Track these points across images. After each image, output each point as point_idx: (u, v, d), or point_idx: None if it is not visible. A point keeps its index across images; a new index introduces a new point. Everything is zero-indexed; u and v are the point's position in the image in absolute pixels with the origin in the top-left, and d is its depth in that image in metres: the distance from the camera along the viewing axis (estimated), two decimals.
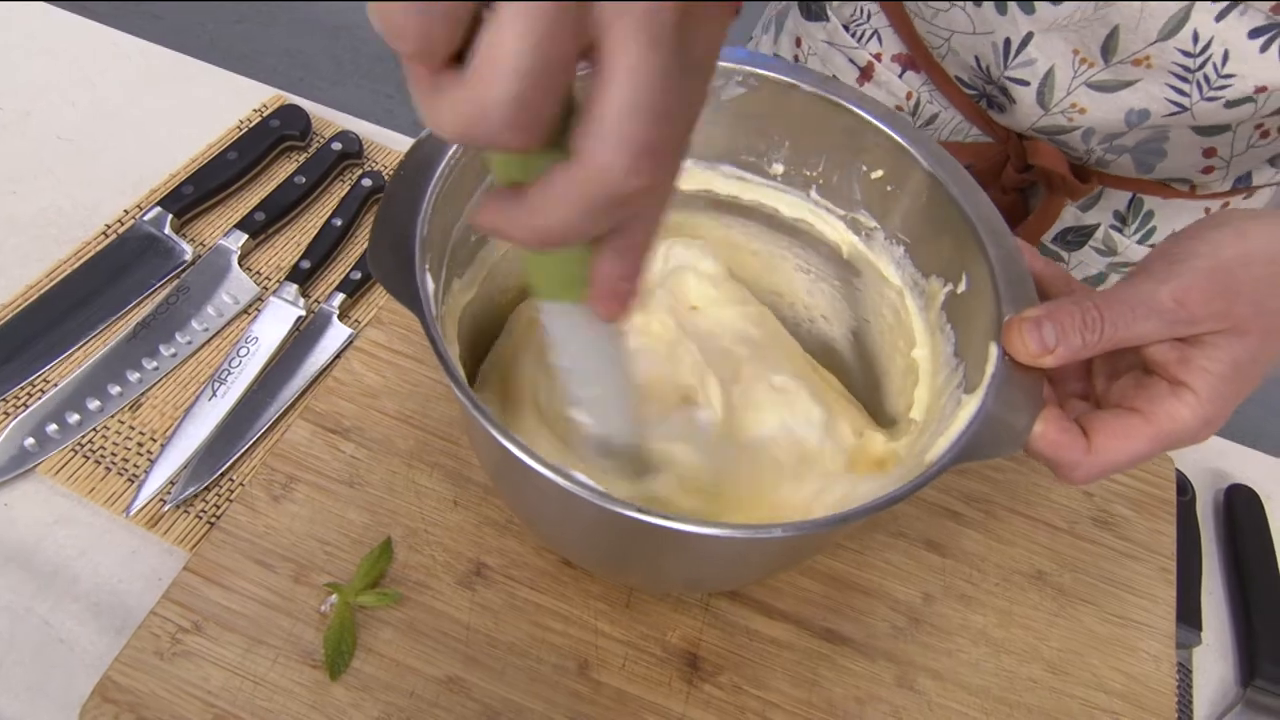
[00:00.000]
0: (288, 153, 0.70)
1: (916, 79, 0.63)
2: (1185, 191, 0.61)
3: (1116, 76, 0.52)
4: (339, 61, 2.07)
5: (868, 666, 0.48)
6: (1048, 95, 0.55)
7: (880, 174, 0.47)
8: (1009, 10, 0.53)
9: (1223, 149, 0.56)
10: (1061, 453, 0.38)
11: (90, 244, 0.63)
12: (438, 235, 0.41)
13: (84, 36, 0.77)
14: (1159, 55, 0.50)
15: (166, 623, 0.45)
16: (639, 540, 0.38)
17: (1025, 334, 0.38)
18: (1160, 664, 0.51)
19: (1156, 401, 0.38)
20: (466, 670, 0.45)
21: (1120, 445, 0.38)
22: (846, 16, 0.65)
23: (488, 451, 0.38)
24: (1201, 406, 0.38)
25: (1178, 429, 0.38)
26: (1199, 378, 0.38)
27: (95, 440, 0.55)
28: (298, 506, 0.49)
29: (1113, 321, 0.37)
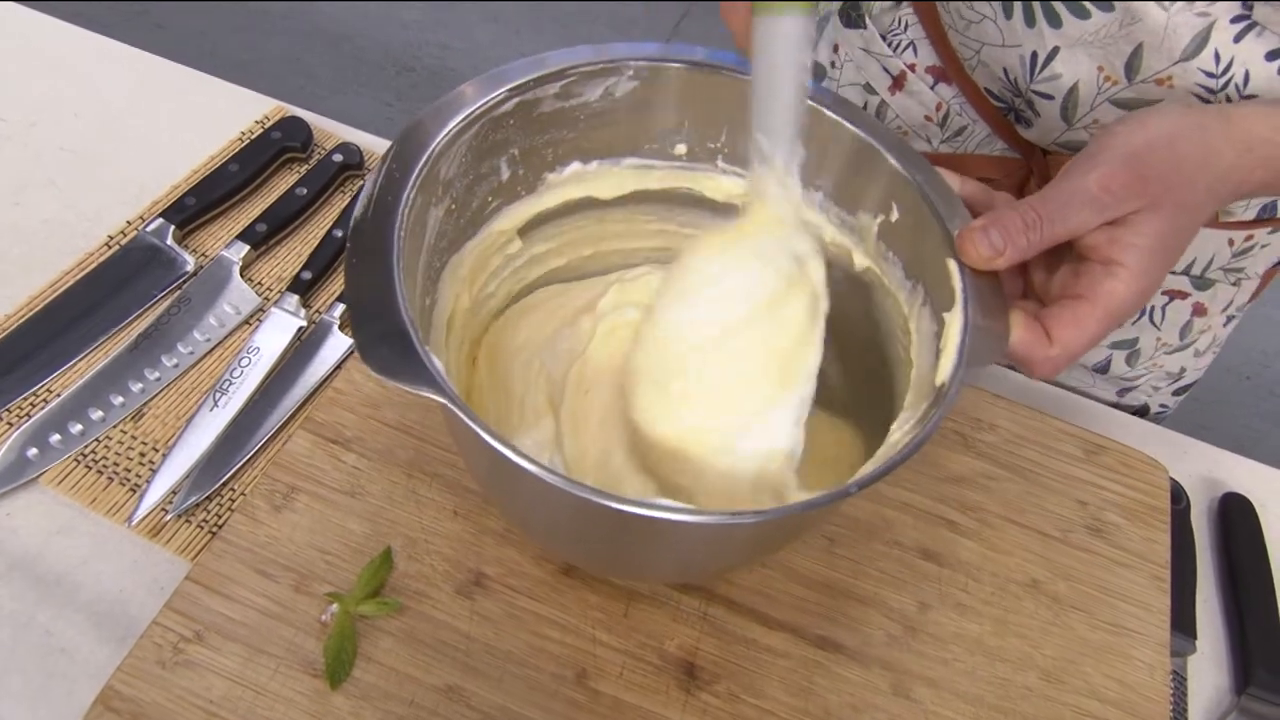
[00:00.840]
0: (289, 164, 0.71)
1: (948, 91, 0.64)
2: (1209, 220, 0.61)
3: (1140, 95, 0.53)
4: (340, 70, 2.07)
5: (863, 675, 0.49)
6: (1071, 110, 0.56)
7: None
8: (1037, 23, 0.54)
9: None
10: (1032, 350, 0.42)
11: (93, 255, 0.64)
12: (417, 296, 0.41)
13: (88, 48, 0.77)
14: (1182, 76, 0.51)
15: (168, 632, 0.45)
16: (616, 527, 0.39)
17: (976, 241, 0.41)
18: (1154, 672, 0.51)
19: (1096, 283, 0.42)
20: (465, 679, 0.46)
21: (1076, 333, 0.42)
22: (885, 26, 0.66)
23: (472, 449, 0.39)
24: (1135, 279, 0.41)
25: (1119, 304, 0.41)
26: (1128, 253, 0.41)
27: (97, 450, 0.56)
28: (298, 516, 0.49)
29: (1050, 218, 0.41)
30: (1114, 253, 0.41)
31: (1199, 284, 0.67)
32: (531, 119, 0.47)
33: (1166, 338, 0.71)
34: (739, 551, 0.44)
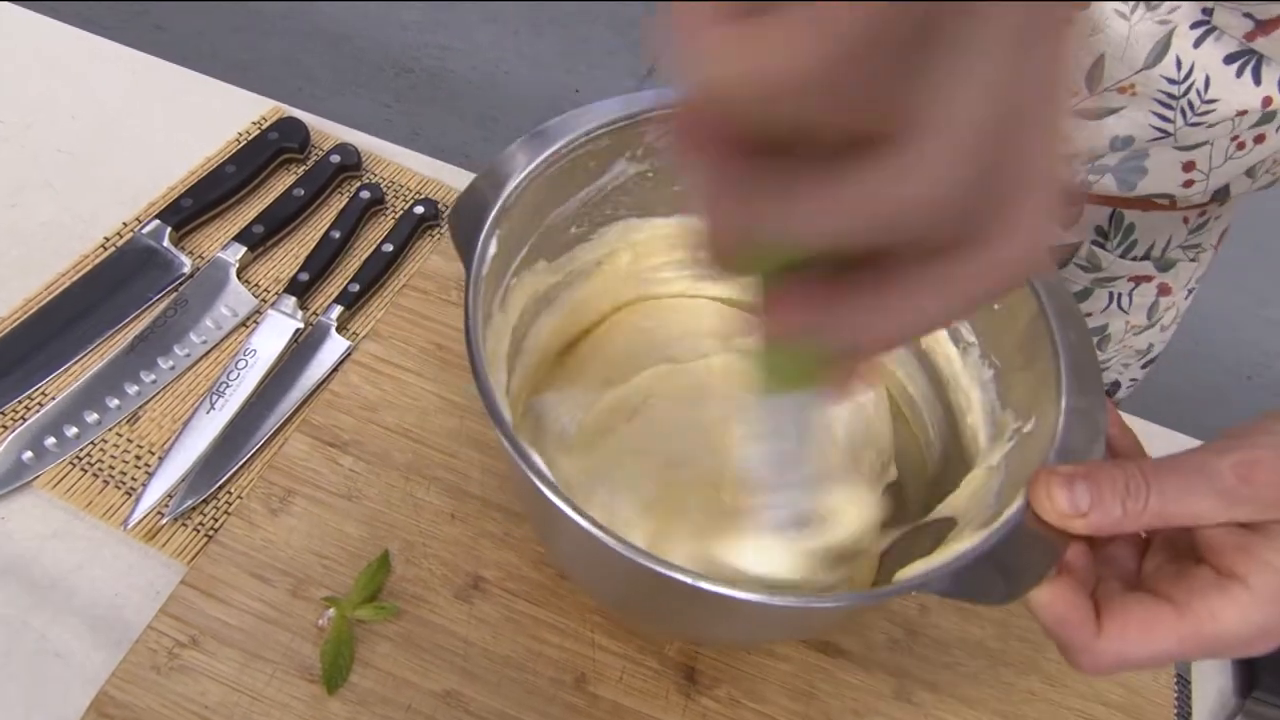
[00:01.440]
0: (286, 165, 0.70)
1: None
2: (1166, 205, 0.61)
3: (1102, 104, 0.52)
4: (339, 71, 2.07)
5: (865, 679, 0.48)
6: None
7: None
8: None
9: (1201, 163, 0.56)
10: (1066, 630, 0.33)
11: (89, 257, 0.63)
12: (524, 209, 0.42)
13: (84, 49, 0.77)
14: (1144, 83, 0.50)
15: (163, 637, 0.45)
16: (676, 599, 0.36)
17: (1054, 490, 0.33)
18: (1158, 676, 0.51)
19: (1197, 593, 0.32)
20: (463, 684, 0.45)
21: (1138, 637, 0.32)
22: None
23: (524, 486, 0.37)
24: (1255, 607, 0.31)
25: (1220, 631, 0.31)
26: (1259, 572, 0.31)
27: (93, 453, 0.55)
28: (295, 520, 0.49)
29: (1160, 490, 0.32)
30: (1238, 565, 0.32)
31: (1161, 265, 0.68)
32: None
33: (1135, 320, 0.71)
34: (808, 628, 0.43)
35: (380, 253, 0.65)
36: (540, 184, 0.42)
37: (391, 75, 2.09)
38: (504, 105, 2.06)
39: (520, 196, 0.41)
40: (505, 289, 0.42)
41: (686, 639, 0.48)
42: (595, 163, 0.45)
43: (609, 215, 0.48)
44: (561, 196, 0.45)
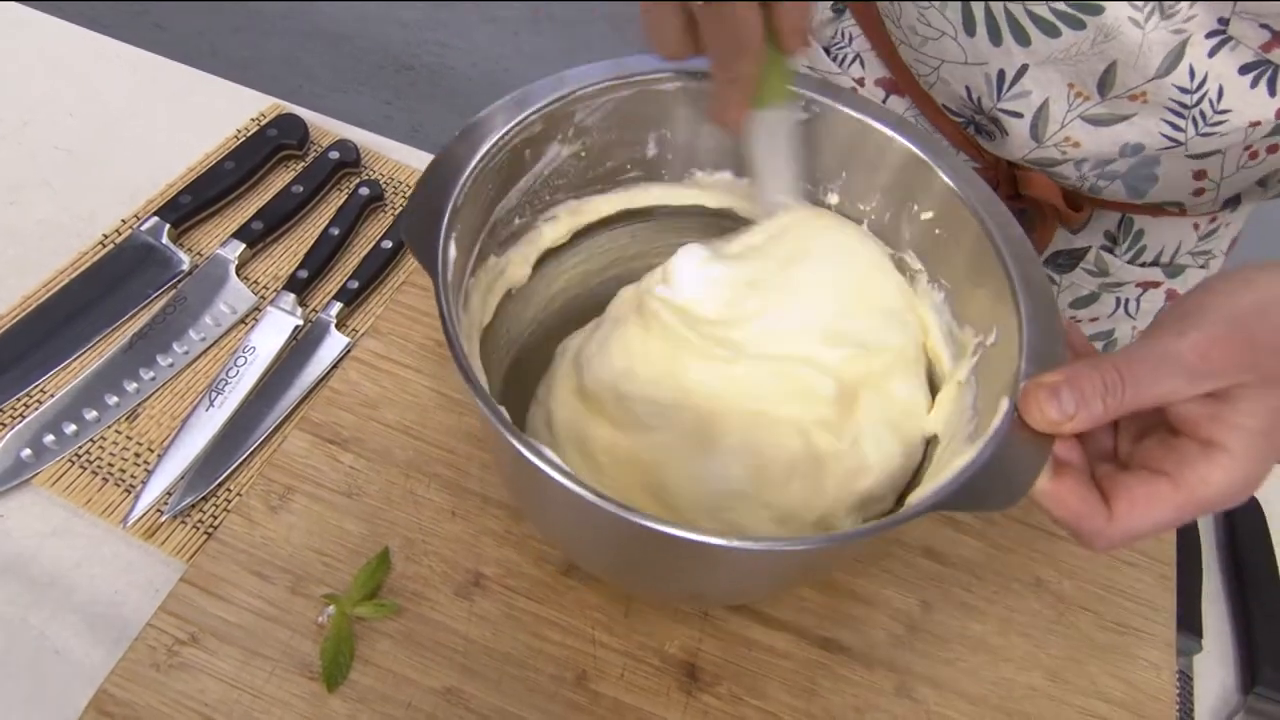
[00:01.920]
0: (285, 162, 0.70)
1: (901, 103, 0.63)
2: (1175, 211, 0.61)
3: (1112, 111, 0.52)
4: (338, 70, 2.07)
5: (866, 675, 0.48)
6: (1041, 128, 0.55)
7: (930, 216, 0.47)
8: (1004, 41, 0.52)
9: (1213, 172, 0.56)
10: (1081, 521, 0.36)
11: (88, 254, 0.63)
12: (473, 209, 0.42)
13: (82, 46, 0.77)
14: (1156, 91, 0.50)
15: (163, 635, 0.44)
16: (653, 549, 0.38)
17: (1044, 401, 0.36)
18: (1160, 672, 0.51)
19: (1186, 464, 0.35)
20: (464, 681, 0.45)
21: (1144, 512, 0.36)
22: (827, 39, 0.64)
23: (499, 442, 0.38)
24: (1236, 467, 0.35)
25: (1211, 493, 0.35)
26: (1233, 435, 0.35)
27: (92, 451, 0.55)
28: (295, 517, 0.49)
29: (1134, 382, 0.35)
30: (1215, 433, 0.35)
31: (1170, 272, 0.67)
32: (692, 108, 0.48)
33: (1142, 326, 0.71)
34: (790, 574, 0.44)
35: (379, 249, 0.65)
36: (484, 179, 0.42)
37: (391, 73, 2.08)
38: None
39: (467, 195, 0.41)
40: (465, 291, 0.42)
41: (694, 596, 0.48)
42: (530, 150, 0.46)
43: (548, 201, 0.49)
44: (503, 190, 0.45)
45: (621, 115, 0.48)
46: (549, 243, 0.50)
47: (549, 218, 0.50)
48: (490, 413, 0.34)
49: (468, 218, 0.42)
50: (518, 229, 0.48)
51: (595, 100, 0.46)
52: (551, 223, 0.50)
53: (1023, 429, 0.37)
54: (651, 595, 0.48)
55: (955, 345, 0.47)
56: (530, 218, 0.49)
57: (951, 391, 0.45)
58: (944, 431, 0.45)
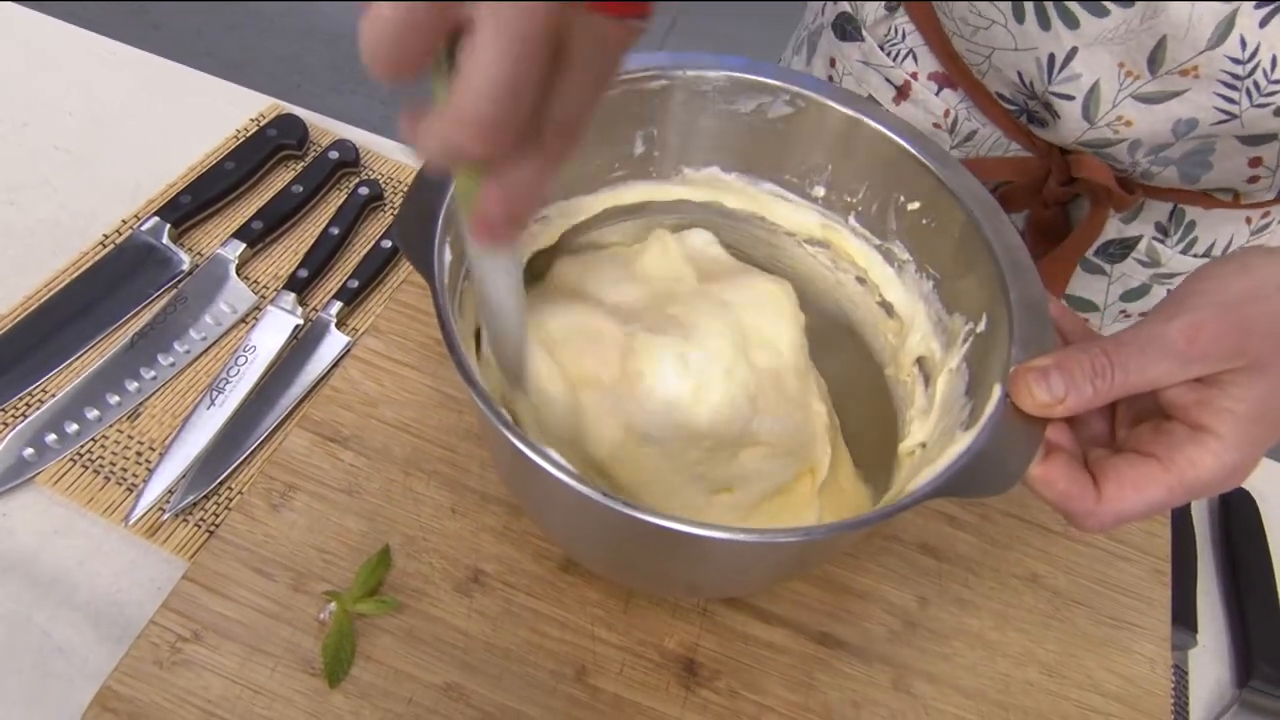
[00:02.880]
0: (285, 162, 0.70)
1: (954, 96, 0.63)
2: (1228, 201, 0.61)
3: (1164, 88, 0.52)
4: (336, 68, 2.07)
5: (864, 670, 0.49)
6: (1093, 109, 0.55)
7: (917, 206, 0.48)
8: (1052, 25, 0.52)
9: (1269, 158, 0.56)
10: (1071, 502, 0.37)
11: (88, 254, 0.63)
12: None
13: (81, 46, 0.77)
14: (1207, 64, 0.49)
15: (166, 632, 0.45)
16: (650, 543, 0.38)
17: (1033, 384, 0.37)
18: (1155, 666, 0.51)
19: (1177, 448, 0.36)
20: (465, 677, 0.45)
21: (1133, 495, 0.37)
22: (881, 36, 0.64)
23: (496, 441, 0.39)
24: (1226, 451, 0.36)
25: (1201, 476, 0.36)
26: (1222, 420, 0.36)
27: (94, 450, 0.55)
28: (296, 515, 0.49)
29: (1123, 366, 0.36)
30: (1205, 418, 0.36)
31: None
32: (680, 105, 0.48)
33: None
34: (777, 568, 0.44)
35: (379, 249, 0.65)
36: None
37: None
38: None
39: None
40: (460, 293, 0.43)
41: (690, 588, 0.48)
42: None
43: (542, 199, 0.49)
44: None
45: (609, 114, 0.48)
46: (541, 244, 0.50)
47: (539, 218, 0.50)
48: (489, 411, 0.35)
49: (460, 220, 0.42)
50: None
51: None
52: (542, 223, 0.50)
53: (1015, 415, 0.38)
54: (649, 588, 0.49)
55: (946, 334, 0.47)
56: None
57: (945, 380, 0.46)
58: (940, 419, 0.45)
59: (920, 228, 0.48)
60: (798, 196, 0.52)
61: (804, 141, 0.49)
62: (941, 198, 0.45)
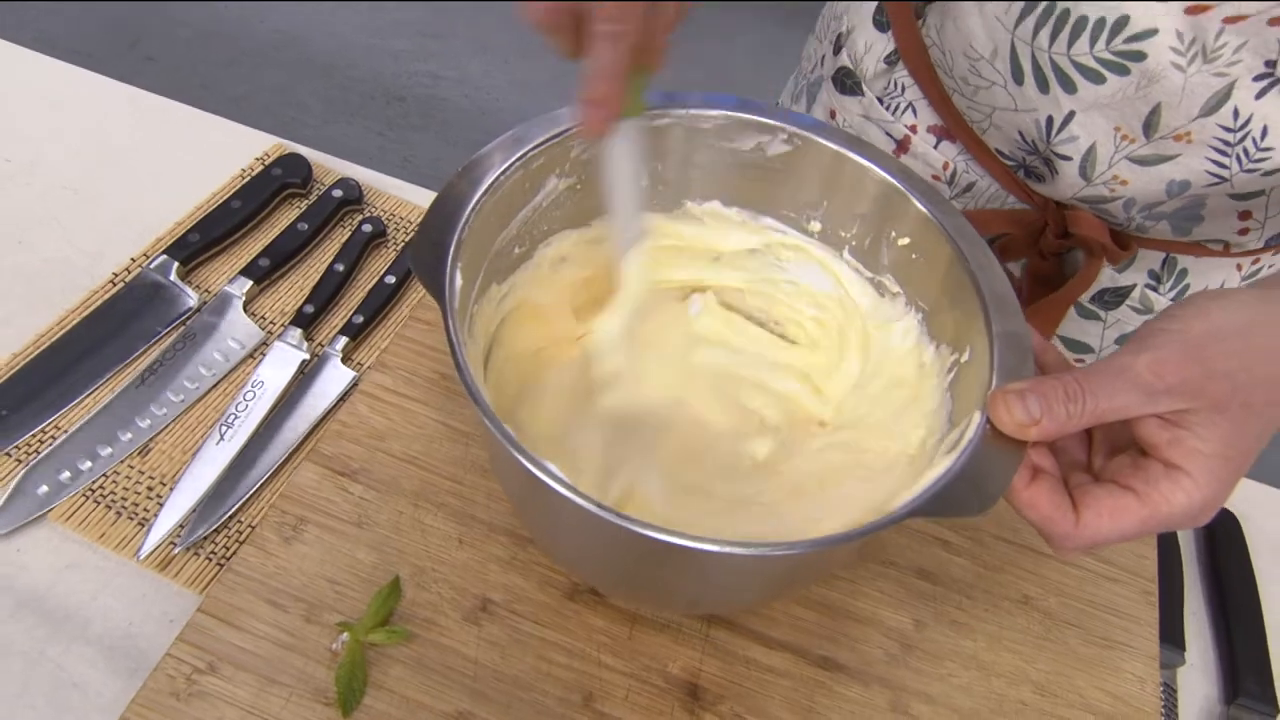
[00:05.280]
0: (290, 200, 0.72)
1: (952, 149, 0.64)
2: (1219, 250, 0.63)
3: (1158, 151, 0.54)
4: (330, 101, 2.09)
5: (862, 692, 0.50)
6: (1090, 169, 0.57)
7: (907, 241, 0.50)
8: (1051, 89, 0.54)
9: (1258, 212, 0.58)
10: (1051, 525, 0.40)
11: (98, 292, 0.65)
12: (477, 241, 0.44)
13: (88, 88, 0.79)
14: (1200, 131, 0.51)
15: (181, 664, 0.46)
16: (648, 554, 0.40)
17: (1011, 405, 0.39)
18: (1144, 684, 0.53)
19: (1153, 484, 0.38)
20: (475, 705, 0.46)
21: (1109, 523, 0.39)
22: (881, 90, 0.66)
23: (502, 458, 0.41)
24: (1198, 489, 0.38)
25: (1175, 511, 0.38)
26: (1193, 460, 0.38)
27: (105, 485, 0.57)
28: (307, 547, 0.50)
29: (1093, 393, 0.38)
30: (1176, 457, 0.38)
31: None
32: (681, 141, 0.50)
33: None
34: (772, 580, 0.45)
35: (383, 284, 0.67)
36: (487, 211, 0.45)
37: (383, 104, 2.11)
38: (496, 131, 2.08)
39: (471, 226, 0.43)
40: (470, 317, 0.44)
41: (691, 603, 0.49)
42: (530, 183, 0.48)
43: (545, 231, 0.51)
44: (504, 220, 0.48)
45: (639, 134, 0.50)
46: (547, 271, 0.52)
47: (547, 245, 0.52)
48: (497, 431, 0.36)
49: (472, 248, 0.44)
50: (517, 258, 0.50)
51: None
52: (549, 250, 0.52)
53: (995, 439, 0.39)
54: (651, 603, 0.50)
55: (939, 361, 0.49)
56: (529, 247, 0.51)
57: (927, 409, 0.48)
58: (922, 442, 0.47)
59: (909, 261, 0.50)
60: (795, 231, 0.54)
61: (801, 178, 0.51)
62: (930, 232, 0.47)
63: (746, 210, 0.54)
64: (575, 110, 0.42)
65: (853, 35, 0.67)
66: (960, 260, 0.46)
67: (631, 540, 0.35)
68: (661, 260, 0.56)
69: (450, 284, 0.40)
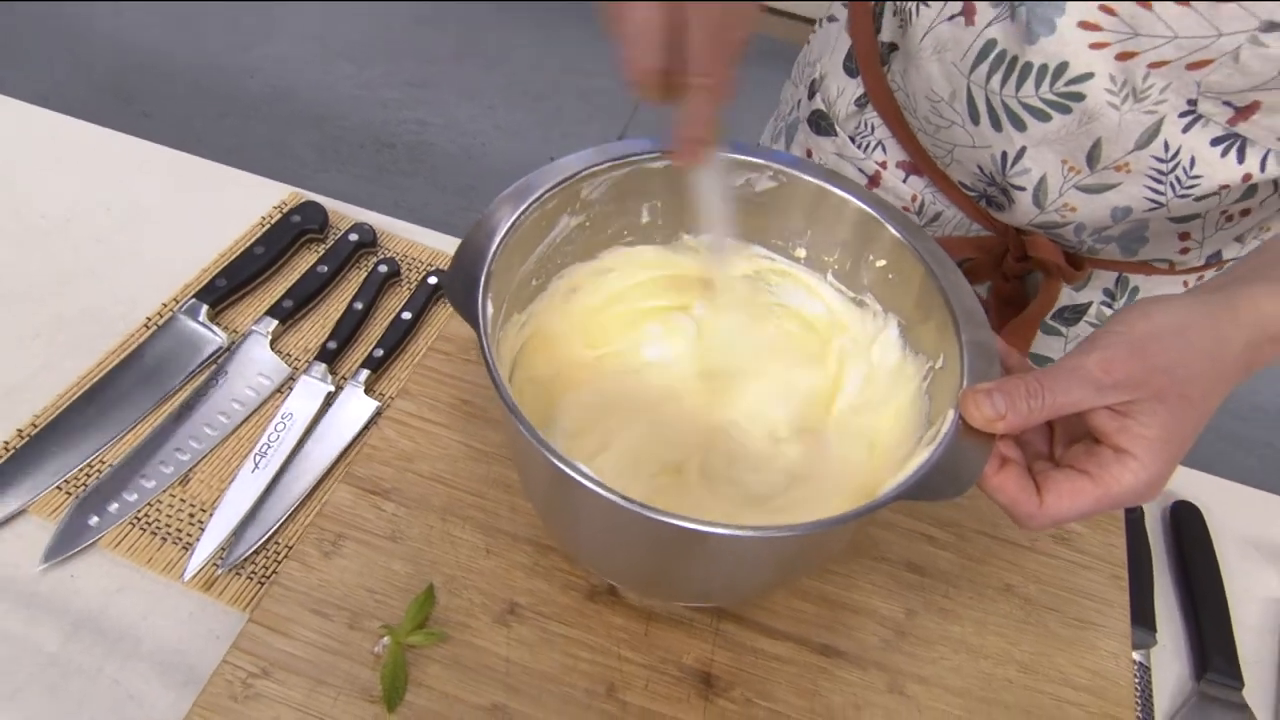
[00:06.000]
0: (309, 244, 0.77)
1: (920, 182, 0.71)
2: (1165, 269, 0.69)
3: (1101, 180, 0.60)
4: (322, 150, 2.15)
5: (861, 676, 0.54)
6: (1042, 197, 0.63)
7: (884, 263, 0.55)
8: (1004, 128, 0.60)
9: (1195, 233, 0.64)
10: (1017, 506, 0.45)
11: (134, 336, 0.69)
12: (501, 274, 0.49)
13: (115, 147, 0.84)
14: (1137, 161, 0.58)
15: (238, 670, 0.50)
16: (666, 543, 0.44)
17: (980, 403, 0.44)
18: (1118, 659, 0.57)
19: (1104, 467, 0.44)
20: (508, 698, 0.51)
21: (1068, 503, 0.44)
22: (852, 130, 0.72)
23: (524, 452, 0.46)
24: (1144, 469, 0.43)
25: (1125, 490, 0.44)
26: (1138, 444, 0.43)
27: (150, 513, 0.61)
28: (347, 561, 0.55)
29: (1051, 389, 0.43)
30: (1124, 442, 0.43)
31: None
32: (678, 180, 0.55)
33: None
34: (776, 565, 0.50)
35: (400, 320, 0.72)
36: (509, 247, 0.50)
37: (373, 151, 2.17)
38: (483, 175, 2.16)
39: (498, 261, 0.49)
40: (496, 344, 0.49)
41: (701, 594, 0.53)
42: (546, 221, 0.53)
43: (559, 264, 0.57)
44: (524, 255, 0.53)
45: (620, 190, 0.55)
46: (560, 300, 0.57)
47: (560, 278, 0.57)
48: (530, 435, 0.41)
49: (498, 281, 0.49)
50: (535, 289, 0.55)
51: (598, 178, 0.54)
52: (561, 282, 0.57)
53: (967, 433, 0.45)
54: (665, 594, 0.54)
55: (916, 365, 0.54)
56: (545, 279, 0.56)
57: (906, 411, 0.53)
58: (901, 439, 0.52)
59: (886, 281, 0.56)
60: (783, 257, 0.59)
61: (786, 210, 0.57)
62: (904, 255, 0.53)
63: (738, 240, 0.59)
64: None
65: (825, 81, 0.74)
66: (932, 278, 0.51)
67: (654, 529, 0.40)
68: (655, 290, 0.61)
69: (483, 312, 0.45)
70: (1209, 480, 0.75)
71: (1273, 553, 0.71)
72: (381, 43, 2.44)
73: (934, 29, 0.61)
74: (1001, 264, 0.69)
